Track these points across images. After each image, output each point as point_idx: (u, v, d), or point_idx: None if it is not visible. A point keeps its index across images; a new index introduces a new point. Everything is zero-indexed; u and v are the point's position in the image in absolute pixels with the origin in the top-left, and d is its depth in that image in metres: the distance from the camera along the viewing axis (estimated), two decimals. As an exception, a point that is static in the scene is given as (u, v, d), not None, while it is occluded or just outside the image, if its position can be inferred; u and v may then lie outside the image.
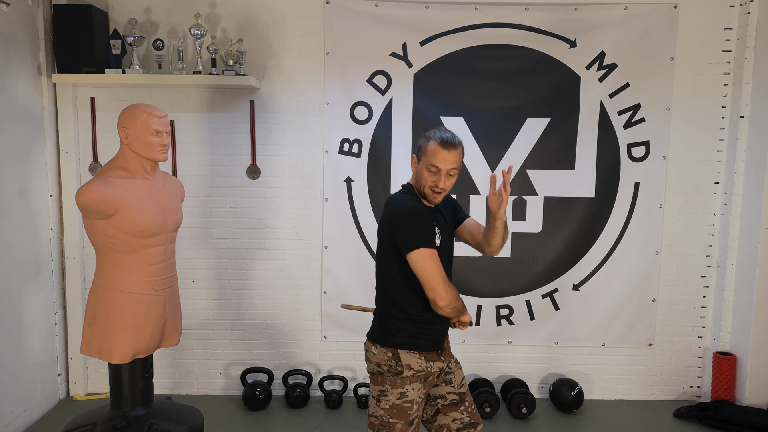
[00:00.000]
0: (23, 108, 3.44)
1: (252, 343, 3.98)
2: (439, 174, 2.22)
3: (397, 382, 2.27)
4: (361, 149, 3.82)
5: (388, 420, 2.26)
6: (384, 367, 2.28)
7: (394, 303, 2.30)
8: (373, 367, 2.32)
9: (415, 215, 2.21)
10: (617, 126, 3.80)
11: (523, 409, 3.67)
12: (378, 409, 2.28)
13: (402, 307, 2.29)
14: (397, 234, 2.21)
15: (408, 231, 2.19)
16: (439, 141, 2.21)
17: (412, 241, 2.16)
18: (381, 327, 2.33)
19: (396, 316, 2.29)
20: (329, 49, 3.74)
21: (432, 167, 2.21)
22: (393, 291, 2.31)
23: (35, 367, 3.57)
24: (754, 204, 3.64)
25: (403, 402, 2.26)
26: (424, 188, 2.26)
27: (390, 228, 2.25)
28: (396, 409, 2.26)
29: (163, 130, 2.73)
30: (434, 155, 2.20)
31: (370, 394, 2.34)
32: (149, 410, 2.93)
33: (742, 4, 3.67)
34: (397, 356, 2.27)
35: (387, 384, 2.28)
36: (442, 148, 2.20)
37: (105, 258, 2.72)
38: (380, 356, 2.29)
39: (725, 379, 3.75)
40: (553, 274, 3.91)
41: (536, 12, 3.71)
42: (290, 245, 3.90)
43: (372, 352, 2.33)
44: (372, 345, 2.33)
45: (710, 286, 3.93)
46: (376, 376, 2.31)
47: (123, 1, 3.71)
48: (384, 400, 2.27)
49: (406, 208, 2.23)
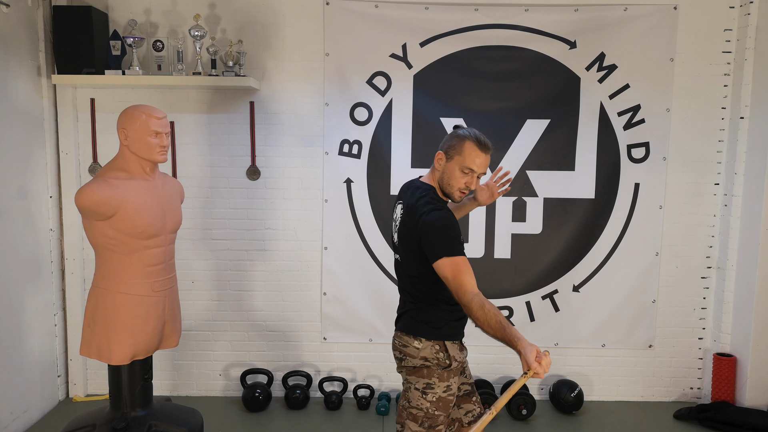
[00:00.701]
0: (23, 109, 3.44)
1: (252, 344, 3.97)
2: (472, 176, 2.21)
3: (444, 375, 2.29)
4: (361, 150, 3.82)
5: (434, 413, 2.27)
6: (432, 360, 2.29)
7: (435, 297, 2.30)
8: (417, 362, 2.31)
9: (447, 225, 2.17)
10: (617, 127, 3.79)
11: (523, 411, 3.67)
12: (424, 401, 2.28)
13: (445, 300, 2.29)
14: (426, 242, 2.18)
15: (436, 241, 2.15)
16: (477, 143, 2.19)
17: (443, 250, 2.12)
18: (424, 321, 2.31)
19: (441, 308, 2.30)
20: (329, 50, 3.74)
21: (466, 169, 2.20)
22: (432, 286, 2.29)
23: (35, 368, 3.56)
24: (754, 205, 3.64)
25: (448, 395, 2.29)
26: (452, 188, 2.25)
27: (421, 235, 2.20)
28: (441, 402, 2.28)
29: (162, 131, 2.73)
30: (471, 158, 2.18)
31: (412, 387, 2.32)
32: (149, 411, 2.92)
33: (742, 5, 3.67)
34: (444, 348, 2.29)
35: (434, 377, 2.29)
36: (481, 151, 2.19)
37: (104, 259, 2.72)
38: (427, 350, 2.29)
39: (725, 380, 3.75)
40: (553, 275, 3.91)
41: (536, 13, 3.71)
42: (290, 246, 3.90)
43: (415, 346, 2.31)
44: (414, 339, 2.31)
45: (710, 288, 3.93)
46: (421, 369, 2.31)
47: (123, 2, 3.71)
48: (431, 392, 2.28)
49: (444, 217, 2.19)
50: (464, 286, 2.07)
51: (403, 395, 2.37)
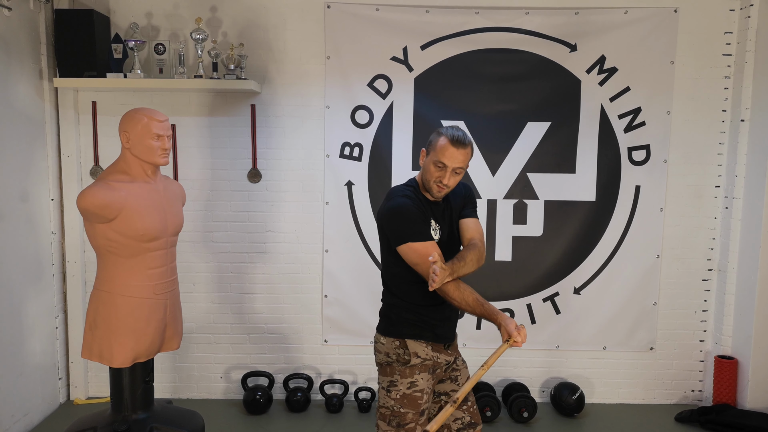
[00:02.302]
0: (25, 112, 3.44)
1: (253, 347, 3.97)
2: (444, 170, 2.25)
3: (406, 371, 2.30)
4: (362, 153, 3.82)
5: (399, 410, 2.28)
6: (392, 356, 2.32)
7: (395, 294, 2.36)
8: (382, 358, 2.36)
9: (402, 211, 2.25)
10: (618, 130, 3.80)
11: (524, 413, 3.66)
12: (388, 399, 2.31)
13: (403, 297, 2.34)
14: (388, 229, 2.28)
15: (396, 226, 2.25)
16: (450, 138, 2.25)
17: (400, 236, 2.23)
18: (387, 318, 2.38)
19: (399, 305, 2.35)
20: (330, 53, 3.75)
21: (439, 163, 2.25)
22: (394, 282, 2.36)
23: (36, 370, 3.56)
24: (754, 207, 3.64)
25: (413, 391, 2.29)
26: (428, 182, 2.30)
27: (382, 222, 2.32)
28: (407, 399, 2.29)
29: (164, 134, 2.74)
30: (443, 152, 2.24)
31: (380, 386, 2.37)
32: (150, 414, 2.93)
33: (742, 8, 3.68)
34: (404, 345, 2.31)
35: (396, 374, 2.31)
36: (452, 146, 2.24)
37: (106, 262, 2.72)
38: (388, 346, 2.33)
39: (727, 383, 3.75)
40: (554, 277, 3.90)
41: (537, 16, 3.72)
42: (291, 249, 3.90)
43: (381, 342, 2.37)
44: (380, 336, 2.38)
45: (711, 290, 3.93)
46: (385, 367, 2.35)
47: (124, 6, 3.72)
48: (394, 390, 2.30)
49: (396, 204, 2.28)
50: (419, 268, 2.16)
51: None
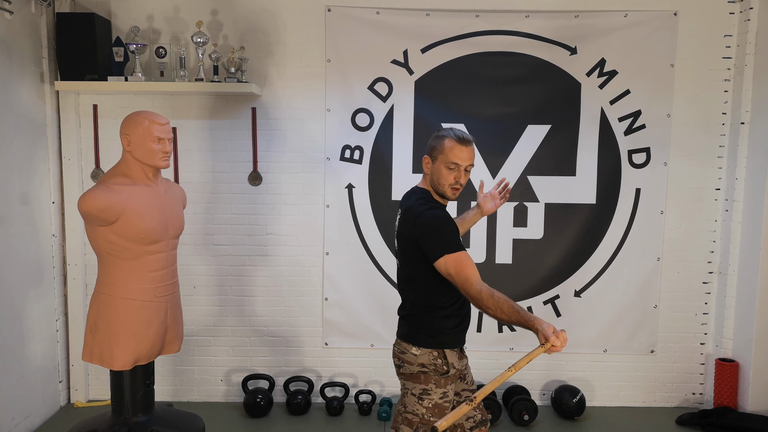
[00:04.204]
0: (26, 115, 3.45)
1: (253, 349, 3.97)
2: (459, 170, 2.26)
3: (442, 381, 2.31)
4: (363, 156, 3.83)
5: (429, 418, 2.29)
6: (429, 366, 2.31)
7: (431, 303, 2.33)
8: (414, 368, 2.33)
9: (441, 224, 2.23)
10: (618, 132, 3.80)
11: (525, 416, 3.66)
12: (420, 407, 2.30)
13: (443, 305, 2.32)
14: (427, 242, 2.22)
15: (436, 239, 2.20)
16: (456, 138, 2.26)
17: (440, 248, 2.18)
18: (422, 328, 2.34)
19: (437, 315, 2.32)
20: (330, 57, 3.75)
21: (451, 164, 2.25)
22: (428, 291, 2.32)
23: (36, 373, 3.56)
24: (755, 210, 3.64)
25: (444, 401, 2.31)
26: (443, 187, 2.30)
27: (418, 236, 2.25)
28: (437, 408, 2.30)
29: (165, 137, 2.75)
30: (453, 152, 2.25)
31: (408, 392, 2.34)
32: (150, 417, 2.93)
33: (742, 11, 3.69)
34: (443, 355, 2.31)
35: (431, 383, 2.31)
36: (460, 145, 2.25)
37: (107, 264, 2.73)
38: (425, 357, 2.31)
39: (727, 385, 3.74)
40: (555, 280, 3.90)
41: (537, 19, 3.72)
42: (291, 252, 3.90)
43: (412, 353, 2.33)
44: (412, 347, 2.34)
45: (712, 293, 3.93)
46: (419, 375, 2.33)
47: (125, 9, 3.73)
48: (427, 399, 2.30)
49: (434, 216, 2.25)
50: (469, 279, 2.12)
51: (401, 400, 2.39)
